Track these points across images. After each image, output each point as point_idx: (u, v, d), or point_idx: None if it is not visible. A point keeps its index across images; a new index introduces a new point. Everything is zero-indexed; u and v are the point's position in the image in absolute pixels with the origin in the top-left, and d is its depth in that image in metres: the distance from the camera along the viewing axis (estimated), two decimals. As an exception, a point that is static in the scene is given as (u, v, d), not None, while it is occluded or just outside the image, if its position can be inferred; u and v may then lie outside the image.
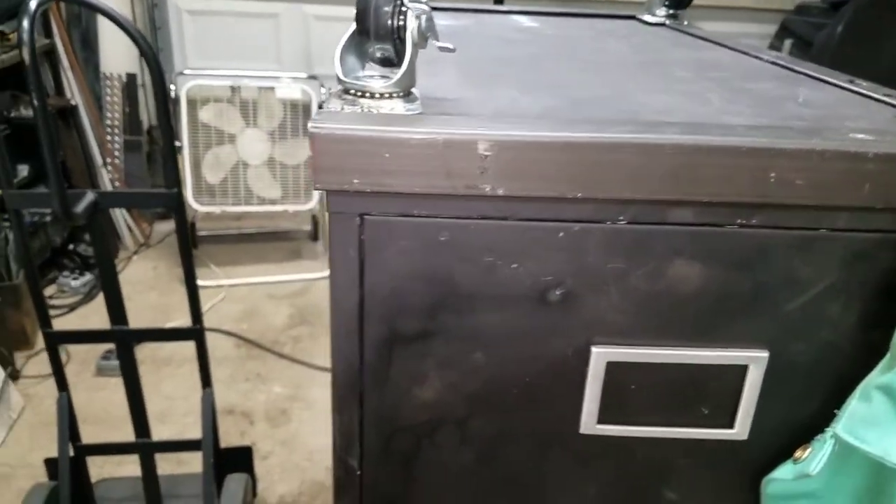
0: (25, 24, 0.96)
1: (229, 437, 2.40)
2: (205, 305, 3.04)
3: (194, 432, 2.07)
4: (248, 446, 2.07)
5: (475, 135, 0.55)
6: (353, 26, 0.64)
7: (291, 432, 2.47)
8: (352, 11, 0.62)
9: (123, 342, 1.75)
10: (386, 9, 0.62)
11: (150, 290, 3.22)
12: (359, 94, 0.62)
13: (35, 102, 1.08)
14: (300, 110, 3.28)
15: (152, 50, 1.62)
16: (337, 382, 0.64)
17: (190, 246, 1.94)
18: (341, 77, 0.63)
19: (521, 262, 0.60)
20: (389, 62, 0.65)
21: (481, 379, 0.64)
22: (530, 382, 0.65)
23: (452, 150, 0.55)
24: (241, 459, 2.03)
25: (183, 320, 2.97)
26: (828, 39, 3.02)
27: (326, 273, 2.66)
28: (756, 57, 1.05)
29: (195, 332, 1.93)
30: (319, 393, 2.66)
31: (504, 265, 0.60)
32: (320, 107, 0.62)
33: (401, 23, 0.62)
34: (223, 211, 3.30)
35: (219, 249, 3.56)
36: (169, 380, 2.66)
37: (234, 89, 3.17)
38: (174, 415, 2.50)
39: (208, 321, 3.11)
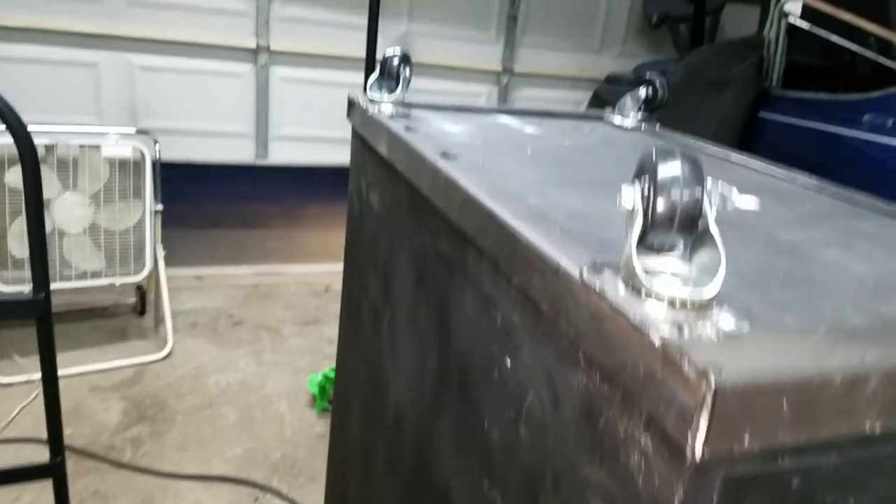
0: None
1: (73, 579, 1.95)
2: (13, 408, 2.49)
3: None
4: None
5: None
6: (639, 216, 0.51)
7: (150, 560, 2.08)
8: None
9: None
10: (694, 194, 0.50)
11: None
12: (667, 301, 0.49)
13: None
14: (129, 169, 2.86)
15: (16, 116, 1.30)
16: None
17: (55, 364, 1.59)
18: (643, 280, 0.49)
19: (857, 495, 0.51)
20: (668, 249, 0.53)
21: None
22: None
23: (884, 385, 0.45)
24: None
25: None
26: (649, 112, 3.31)
27: (161, 354, 2.32)
28: (789, 181, 1.07)
29: (55, 469, 1.58)
30: (176, 505, 2.28)
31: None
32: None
33: (705, 209, 0.51)
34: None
35: (23, 335, 2.95)
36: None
37: (48, 148, 2.68)
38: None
39: (19, 427, 2.55)
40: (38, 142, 2.66)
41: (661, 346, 0.45)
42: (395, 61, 1.16)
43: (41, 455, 2.38)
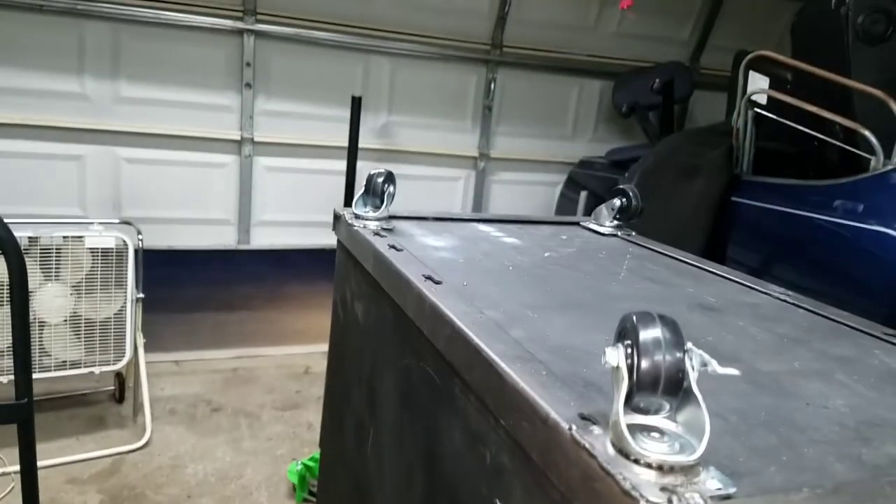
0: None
1: None
2: (-13, 503, 2.42)
3: None
4: None
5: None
6: (625, 379, 0.53)
7: None
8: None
9: None
10: (676, 359, 0.52)
11: None
12: (655, 465, 0.51)
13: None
14: (112, 259, 2.86)
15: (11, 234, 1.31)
16: None
17: (35, 468, 1.56)
18: (631, 444, 0.51)
19: None
20: (655, 410, 0.55)
21: None
22: None
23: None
24: None
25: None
26: (623, 196, 3.41)
27: (139, 443, 2.28)
28: (765, 293, 1.10)
29: None
30: None
31: None
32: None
33: (689, 370, 0.53)
34: (10, 381, 2.70)
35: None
36: None
37: (32, 239, 2.68)
38: None
39: (-9, 524, 2.47)
40: (22, 234, 2.68)
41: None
42: (380, 179, 1.20)
43: (16, 556, 2.30)
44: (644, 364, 0.53)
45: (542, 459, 0.59)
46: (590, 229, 1.41)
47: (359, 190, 1.23)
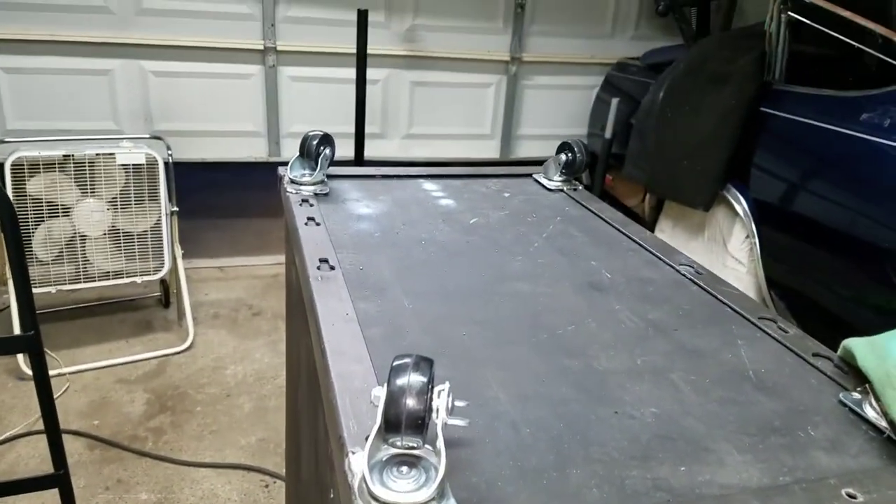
0: None
1: (96, 563, 2.18)
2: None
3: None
4: None
5: None
6: (377, 427, 0.59)
7: (167, 547, 2.29)
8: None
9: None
10: (420, 399, 0.58)
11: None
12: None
13: None
14: (144, 174, 3.01)
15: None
16: None
17: (52, 395, 1.76)
18: (374, 491, 0.57)
19: None
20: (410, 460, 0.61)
21: None
22: None
23: None
24: None
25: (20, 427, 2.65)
26: (651, 105, 3.29)
27: (183, 346, 2.48)
28: (669, 265, 1.09)
29: (59, 479, 1.75)
30: (192, 494, 2.48)
31: None
32: None
33: (433, 407, 0.59)
34: (59, 290, 2.97)
35: (55, 329, 3.19)
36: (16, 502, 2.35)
37: (66, 157, 2.85)
38: (27, 544, 2.23)
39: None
40: (56, 152, 2.86)
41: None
42: (315, 141, 1.21)
43: (72, 445, 2.61)
44: (390, 409, 0.58)
45: (337, 471, 0.66)
46: (539, 183, 1.41)
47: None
